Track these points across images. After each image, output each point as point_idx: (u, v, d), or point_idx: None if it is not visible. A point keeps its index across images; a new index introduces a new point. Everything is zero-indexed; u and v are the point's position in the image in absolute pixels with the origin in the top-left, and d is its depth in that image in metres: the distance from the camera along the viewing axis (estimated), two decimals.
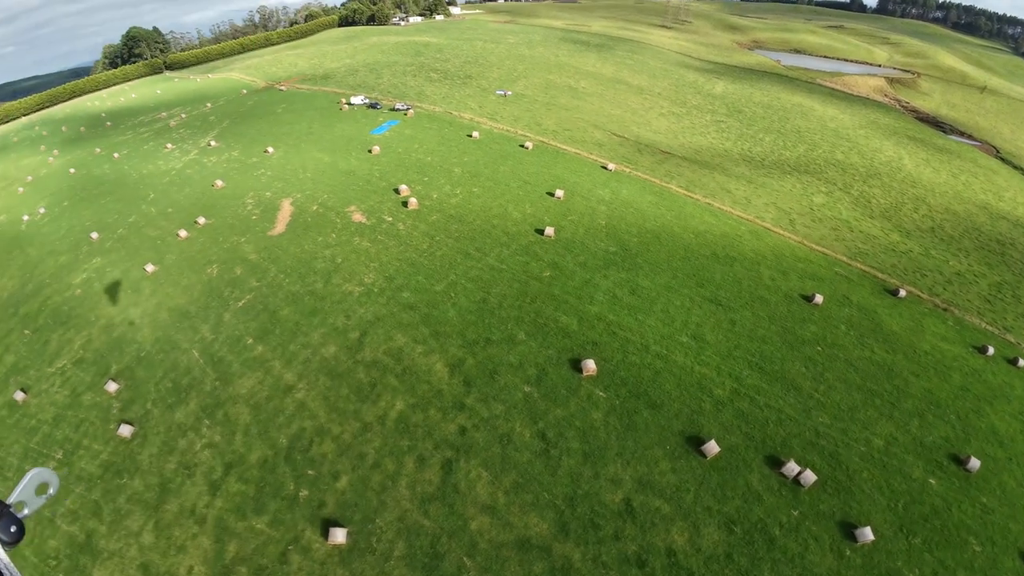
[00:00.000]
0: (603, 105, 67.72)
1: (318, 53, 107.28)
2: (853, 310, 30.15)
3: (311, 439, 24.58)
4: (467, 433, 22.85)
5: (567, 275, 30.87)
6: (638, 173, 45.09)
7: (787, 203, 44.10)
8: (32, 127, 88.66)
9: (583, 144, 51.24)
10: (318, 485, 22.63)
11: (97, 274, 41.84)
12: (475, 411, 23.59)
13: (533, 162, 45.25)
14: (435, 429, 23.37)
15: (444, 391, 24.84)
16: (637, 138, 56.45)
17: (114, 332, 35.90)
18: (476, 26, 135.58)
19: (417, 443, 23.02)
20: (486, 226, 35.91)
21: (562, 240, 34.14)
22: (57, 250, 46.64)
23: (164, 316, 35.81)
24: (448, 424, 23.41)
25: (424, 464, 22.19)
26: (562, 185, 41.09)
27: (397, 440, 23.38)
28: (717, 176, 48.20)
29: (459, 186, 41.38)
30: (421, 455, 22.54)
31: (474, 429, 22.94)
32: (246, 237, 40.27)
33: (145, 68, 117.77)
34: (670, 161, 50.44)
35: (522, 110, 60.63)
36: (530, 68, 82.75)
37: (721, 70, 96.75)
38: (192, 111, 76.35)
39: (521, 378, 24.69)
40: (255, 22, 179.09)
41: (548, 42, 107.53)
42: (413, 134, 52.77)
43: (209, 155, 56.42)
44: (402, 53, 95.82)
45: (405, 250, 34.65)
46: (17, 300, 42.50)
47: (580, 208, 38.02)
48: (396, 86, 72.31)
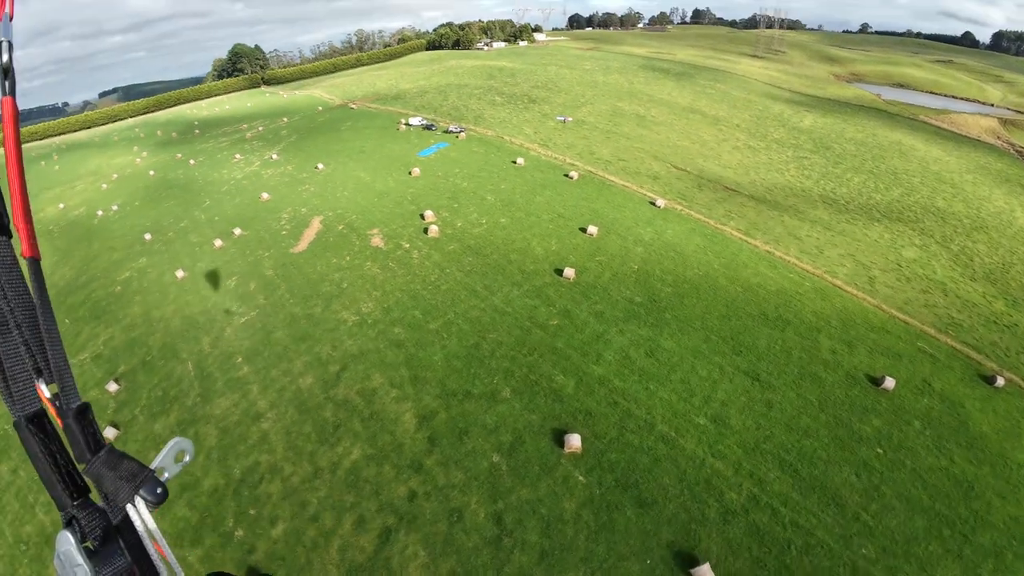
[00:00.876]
0: (670, 135, 63.47)
1: (397, 74, 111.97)
2: (934, 400, 23.92)
3: (263, 475, 23.02)
4: (416, 500, 19.99)
5: (577, 326, 27.37)
6: (691, 212, 40.62)
7: (869, 256, 37.55)
8: (133, 128, 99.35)
9: (636, 176, 47.52)
10: (255, 528, 20.85)
11: (138, 274, 44.08)
12: (431, 475, 20.71)
13: (573, 194, 42.28)
14: (384, 488, 20.78)
15: (405, 446, 22.24)
16: (701, 172, 51.73)
17: (133, 332, 37.05)
18: (556, 52, 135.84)
19: (362, 501, 20.54)
20: (502, 261, 33.33)
21: (582, 284, 30.71)
22: (114, 247, 50.05)
23: (177, 323, 36.48)
24: (399, 485, 20.71)
25: (362, 527, 19.60)
26: (599, 221, 37.71)
27: (343, 493, 21.05)
28: (787, 219, 42.45)
29: (487, 215, 39.30)
30: (362, 516, 19.99)
31: (425, 497, 20.03)
32: (270, 252, 40.63)
33: (244, 82, 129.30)
34: (733, 199, 45.32)
35: (578, 137, 58.02)
36: (599, 94, 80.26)
37: (812, 102, 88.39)
38: (269, 124, 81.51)
39: (492, 444, 21.51)
40: (352, 44, 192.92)
41: (626, 69, 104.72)
42: (458, 157, 51.81)
43: (268, 167, 59.02)
44: (474, 76, 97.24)
45: (411, 280, 32.88)
46: (69, 290, 45.58)
47: (613, 248, 34.40)
48: (458, 108, 72.67)
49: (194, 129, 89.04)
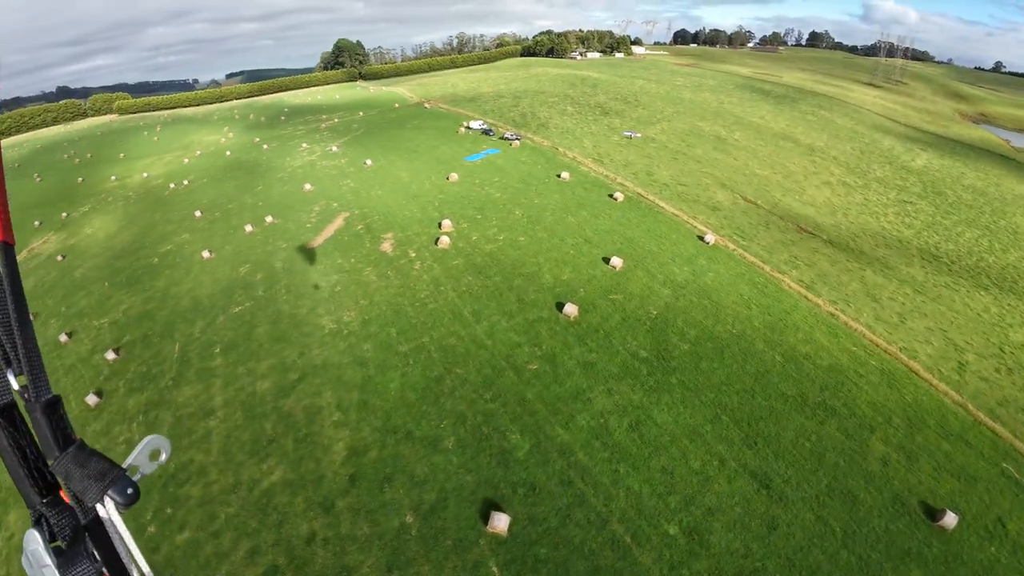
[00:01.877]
0: (749, 162, 56.41)
1: (482, 78, 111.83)
2: (1003, 549, 17.21)
3: (191, 475, 21.81)
4: (313, 544, 17.26)
5: (558, 376, 23.27)
6: (745, 253, 34.65)
7: (965, 333, 29.67)
8: (233, 110, 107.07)
9: (692, 204, 41.96)
10: (165, 528, 19.61)
11: (176, 248, 45.62)
12: (338, 520, 17.93)
13: (611, 217, 37.79)
14: (288, 522, 18.33)
15: (325, 479, 19.63)
16: (775, 207, 44.89)
17: (149, 305, 37.90)
18: (651, 66, 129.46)
19: (263, 530, 18.24)
20: (503, 286, 29.84)
21: (583, 325, 26.45)
22: (170, 219, 52.58)
23: (185, 303, 36.75)
24: (303, 523, 18.15)
25: (253, 559, 17.27)
26: (629, 252, 33.05)
27: (250, 516, 18.94)
28: (869, 274, 35.13)
29: (507, 231, 35.99)
30: (257, 546, 17.66)
31: (323, 543, 17.23)
32: (288, 244, 40.12)
33: (343, 75, 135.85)
34: (805, 243, 38.45)
35: (640, 155, 53.02)
36: (681, 111, 74.06)
37: (929, 140, 75.41)
38: (345, 117, 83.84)
39: (412, 500, 18.26)
40: (452, 46, 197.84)
41: (720, 88, 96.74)
42: (503, 165, 48.98)
43: (325, 159, 59.82)
44: (555, 84, 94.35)
45: (401, 293, 30.40)
46: (121, 254, 48.15)
47: (635, 286, 29.70)
48: (526, 114, 70.05)
49: (281, 116, 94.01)
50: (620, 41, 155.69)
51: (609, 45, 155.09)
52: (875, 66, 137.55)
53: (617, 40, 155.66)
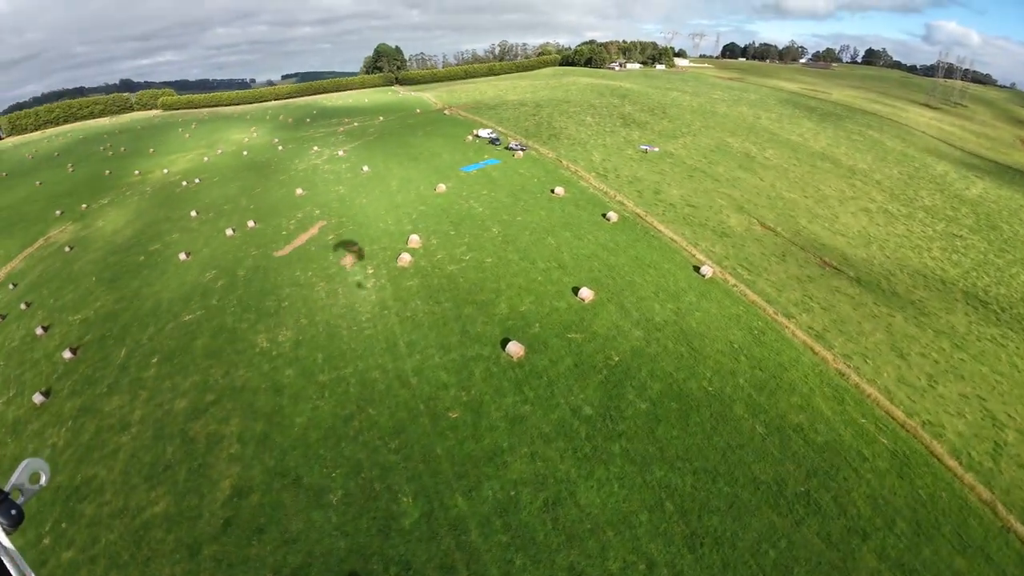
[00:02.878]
0: (777, 183, 50.62)
1: (511, 86, 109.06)
2: None
3: (91, 492, 20.42)
4: None
5: (478, 430, 19.45)
6: (747, 290, 29.69)
7: (1010, 402, 23.76)
8: (268, 110, 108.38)
9: (697, 229, 37.12)
10: (57, 543, 18.41)
11: (163, 248, 44.55)
12: (198, 569, 15.38)
13: (596, 240, 33.55)
14: (155, 560, 16.23)
15: (202, 519, 17.02)
16: (796, 235, 39.37)
17: (118, 305, 36.65)
18: (691, 78, 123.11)
19: (131, 564, 16.53)
20: (451, 314, 26.27)
21: (526, 368, 22.48)
22: (171, 217, 51.97)
23: (148, 306, 35.19)
24: (166, 566, 16.02)
25: None
26: (606, 282, 28.78)
27: (124, 547, 17.06)
28: (899, 320, 29.46)
29: (477, 250, 32.41)
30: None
31: None
32: (259, 251, 38.06)
33: (380, 79, 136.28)
34: (826, 280, 32.98)
35: (651, 171, 48.34)
36: (709, 126, 68.46)
37: (987, 168, 66.17)
38: (365, 121, 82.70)
39: (276, 560, 15.28)
40: (494, 54, 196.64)
41: (761, 103, 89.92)
42: (498, 177, 45.50)
43: (330, 163, 58.15)
44: (584, 93, 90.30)
45: (344, 314, 27.43)
46: (116, 250, 47.60)
47: (602, 324, 25.46)
48: (542, 124, 66.42)
49: (308, 118, 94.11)
50: (663, 52, 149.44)
51: (651, 57, 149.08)
52: (933, 86, 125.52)
53: (660, 52, 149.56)
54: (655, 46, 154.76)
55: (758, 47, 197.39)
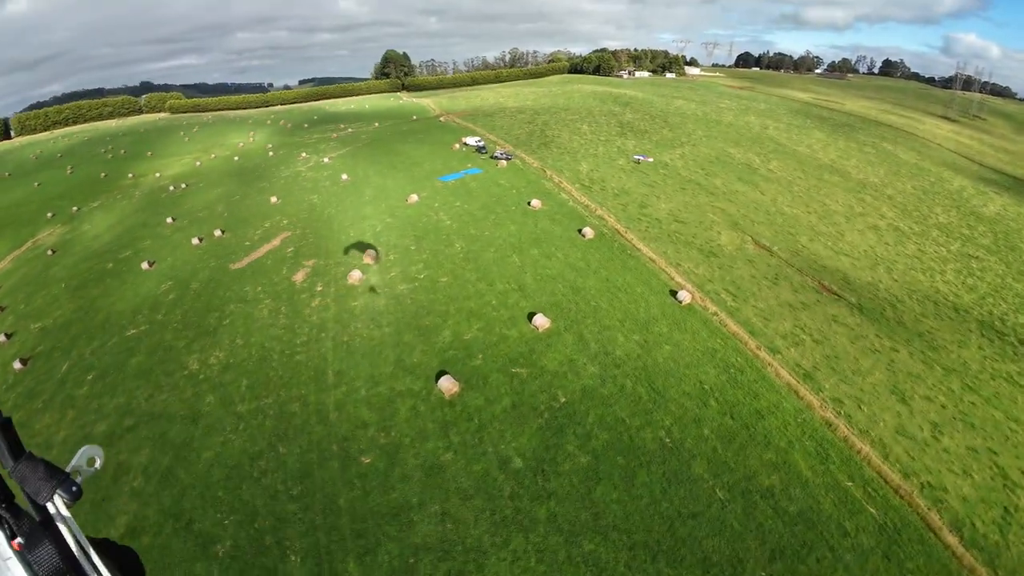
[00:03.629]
0: (779, 197, 47.06)
1: (514, 93, 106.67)
2: None
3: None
4: None
5: (389, 480, 16.65)
6: (728, 320, 26.40)
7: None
8: (271, 115, 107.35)
9: (683, 248, 33.91)
10: None
11: (132, 255, 42.73)
12: None
13: (565, 259, 30.54)
14: None
15: None
16: (795, 254, 35.91)
17: (76, 314, 34.96)
18: (700, 87, 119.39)
19: None
20: (389, 341, 23.55)
21: (457, 408, 19.60)
22: (148, 223, 50.31)
23: (100, 318, 33.30)
24: None
25: None
26: (568, 308, 25.76)
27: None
28: (904, 356, 25.92)
29: (434, 268, 29.67)
30: None
31: None
32: (217, 263, 35.88)
33: (387, 85, 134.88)
34: (824, 307, 29.52)
35: (641, 183, 45.17)
36: (712, 135, 64.98)
37: (1006, 183, 61.12)
38: (360, 127, 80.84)
39: None
40: (504, 62, 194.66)
41: (770, 112, 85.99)
42: (475, 188, 42.77)
43: (313, 170, 56.13)
44: (586, 100, 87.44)
45: (280, 336, 25.08)
46: (92, 255, 45.96)
47: (554, 358, 22.46)
48: (534, 132, 63.65)
49: (306, 123, 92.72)
50: (673, 61, 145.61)
51: (661, 65, 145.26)
52: (951, 98, 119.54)
53: (670, 60, 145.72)
54: (666, 54, 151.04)
55: (772, 57, 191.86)
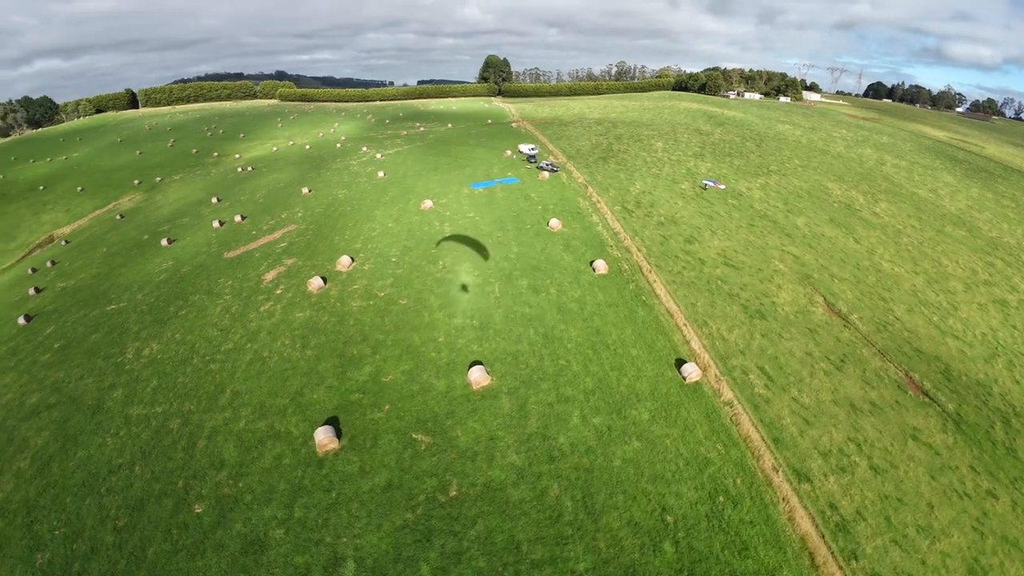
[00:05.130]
0: (880, 248, 36.65)
1: (603, 104, 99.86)
2: None
3: None
4: None
5: (204, 547, 12.74)
6: (743, 416, 18.79)
7: None
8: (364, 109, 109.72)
9: (723, 300, 26.16)
10: None
11: (168, 229, 43.22)
12: None
13: (555, 298, 24.25)
14: None
15: None
16: (882, 328, 26.63)
17: (93, 280, 35.55)
18: (815, 113, 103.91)
19: None
20: (305, 367, 19.36)
21: (323, 471, 14.83)
22: (202, 200, 51.30)
23: (104, 286, 33.46)
24: None
25: None
26: (525, 363, 19.69)
27: None
28: (1004, 503, 16.84)
29: (401, 287, 25.01)
30: None
31: None
32: (217, 249, 34.48)
33: (484, 89, 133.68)
34: (902, 412, 20.63)
35: (697, 213, 37.18)
36: (811, 165, 54.00)
37: None
38: (436, 127, 78.96)
39: None
40: (610, 74, 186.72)
41: (893, 146, 71.20)
42: (500, 199, 37.55)
43: (362, 165, 54.34)
44: (676, 116, 78.69)
45: (210, 339, 22.54)
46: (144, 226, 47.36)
47: (471, 431, 16.68)
48: (599, 144, 57.06)
49: (391, 119, 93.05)
50: (790, 83, 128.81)
51: (776, 87, 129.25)
52: None
53: (787, 83, 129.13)
54: (783, 77, 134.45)
55: (907, 89, 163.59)
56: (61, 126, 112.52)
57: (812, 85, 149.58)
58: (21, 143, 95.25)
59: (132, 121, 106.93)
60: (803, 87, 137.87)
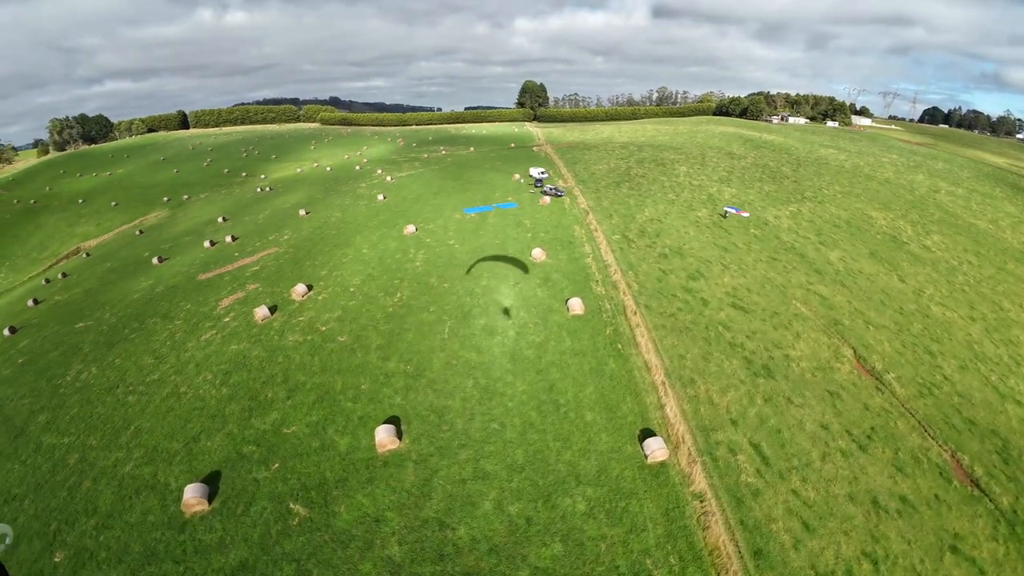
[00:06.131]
0: (931, 287, 30.90)
1: (634, 129, 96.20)
2: None
3: None
4: None
5: None
6: (721, 515, 14.38)
7: None
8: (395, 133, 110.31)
9: (721, 351, 21.71)
10: None
11: (169, 248, 42.78)
12: None
13: (511, 343, 20.58)
14: None
15: None
16: (928, 390, 21.37)
17: (86, 298, 35.24)
18: (864, 138, 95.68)
19: None
20: (213, 408, 16.85)
21: (183, 537, 12.05)
22: (210, 220, 51.09)
23: (86, 304, 32.97)
24: None
25: None
26: (447, 424, 16.15)
27: None
28: None
29: (345, 322, 22.21)
30: None
31: None
32: (194, 270, 33.40)
33: (520, 114, 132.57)
34: (943, 511, 15.52)
35: (710, 244, 32.70)
36: (854, 192, 48.03)
37: None
38: (458, 150, 77.63)
39: None
40: (651, 100, 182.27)
41: (949, 173, 63.30)
42: (489, 226, 34.53)
43: (370, 188, 52.95)
44: (710, 140, 74.01)
45: (143, 367, 21.56)
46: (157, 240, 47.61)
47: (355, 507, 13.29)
48: (616, 168, 53.41)
49: (418, 143, 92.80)
50: (837, 108, 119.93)
51: (823, 112, 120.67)
52: None
53: (835, 107, 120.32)
54: (831, 101, 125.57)
55: (965, 114, 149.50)
56: (112, 143, 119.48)
57: (862, 110, 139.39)
58: (72, 158, 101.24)
59: (179, 141, 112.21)
60: (852, 111, 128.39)
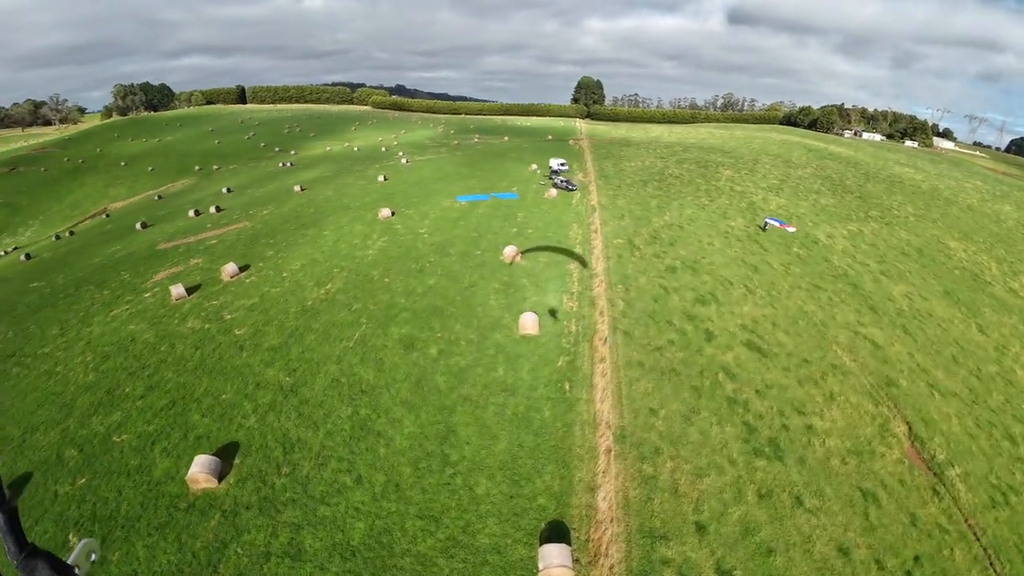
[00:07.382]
0: (1013, 343, 23.10)
1: (687, 131, 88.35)
2: None
3: None
4: None
5: None
6: None
7: None
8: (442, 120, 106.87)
9: (720, 410, 15.74)
10: None
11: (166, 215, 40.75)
12: None
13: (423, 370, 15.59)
14: None
15: None
16: (1006, 496, 14.54)
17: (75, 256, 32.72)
18: (945, 160, 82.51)
19: None
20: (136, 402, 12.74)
21: None
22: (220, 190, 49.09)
23: (67, 261, 30.30)
24: None
25: None
26: (303, 488, 11.47)
27: None
28: None
29: (258, 312, 17.88)
30: None
31: None
32: (157, 240, 30.51)
33: (574, 111, 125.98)
34: None
35: (736, 260, 26.15)
36: (928, 216, 39.24)
37: None
38: (491, 139, 72.97)
39: None
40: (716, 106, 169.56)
41: None
42: (475, 216, 29.62)
43: (384, 169, 49.29)
44: (767, 146, 65.79)
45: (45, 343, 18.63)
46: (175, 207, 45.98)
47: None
48: (652, 167, 47.11)
49: (459, 130, 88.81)
50: (918, 127, 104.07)
51: (902, 130, 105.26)
52: None
53: (915, 126, 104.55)
54: (912, 119, 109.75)
55: None
56: (171, 112, 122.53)
57: (945, 131, 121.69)
58: (130, 123, 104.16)
59: (232, 114, 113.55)
60: (935, 132, 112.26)
